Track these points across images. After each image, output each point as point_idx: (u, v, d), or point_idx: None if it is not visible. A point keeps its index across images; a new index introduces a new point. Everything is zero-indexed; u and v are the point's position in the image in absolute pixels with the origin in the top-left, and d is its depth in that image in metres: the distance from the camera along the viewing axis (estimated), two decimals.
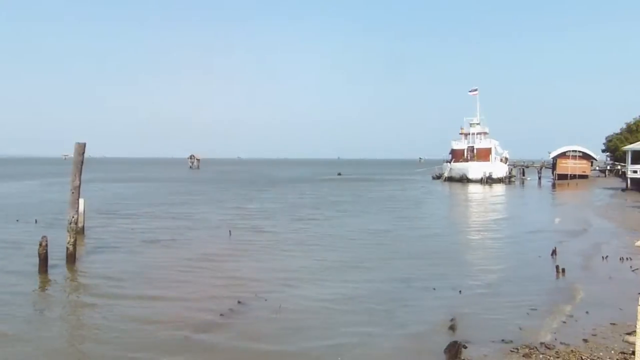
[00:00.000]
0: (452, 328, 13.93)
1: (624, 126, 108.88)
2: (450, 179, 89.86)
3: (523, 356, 11.99)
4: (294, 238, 28.78)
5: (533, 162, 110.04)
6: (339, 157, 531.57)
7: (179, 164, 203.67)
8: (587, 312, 15.15)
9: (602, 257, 22.90)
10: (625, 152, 69.68)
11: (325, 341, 12.99)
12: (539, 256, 23.69)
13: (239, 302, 16.04)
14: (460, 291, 17.71)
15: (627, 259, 22.15)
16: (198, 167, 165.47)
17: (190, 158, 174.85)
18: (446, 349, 12.34)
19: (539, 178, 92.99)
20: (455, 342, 12.47)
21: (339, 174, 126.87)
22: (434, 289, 17.99)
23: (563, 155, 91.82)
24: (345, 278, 19.44)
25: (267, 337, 13.24)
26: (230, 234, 29.36)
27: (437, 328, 13.97)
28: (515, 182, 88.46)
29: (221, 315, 14.84)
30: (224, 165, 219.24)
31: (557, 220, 37.39)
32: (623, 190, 64.84)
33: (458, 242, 29.55)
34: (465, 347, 12.34)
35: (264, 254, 24.30)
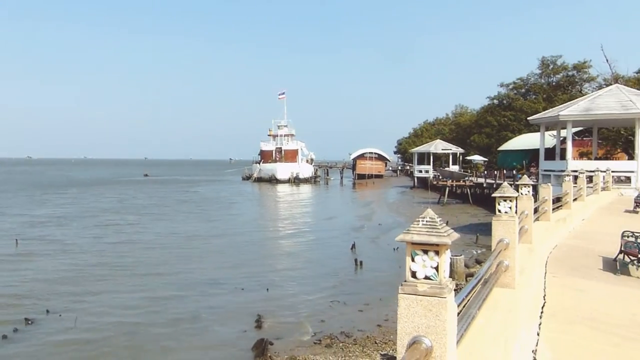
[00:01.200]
0: (258, 326, 14.18)
1: (412, 131, 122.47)
2: (260, 180, 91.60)
3: (325, 346, 12.71)
4: (91, 246, 26.58)
5: (336, 163, 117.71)
6: (146, 158, 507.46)
7: None
8: (380, 300, 16.61)
9: (394, 249, 25.30)
10: (412, 154, 78.18)
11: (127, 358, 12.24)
12: (341, 251, 25.40)
13: (26, 320, 14.34)
14: (267, 289, 18.13)
15: None
16: None
17: None
18: (253, 347, 12.52)
19: (341, 178, 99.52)
20: (262, 340, 12.69)
21: (146, 175, 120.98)
22: (242, 289, 18.15)
23: (362, 156, 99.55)
24: (147, 286, 18.54)
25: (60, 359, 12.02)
26: (16, 245, 26.10)
27: (244, 328, 14.08)
28: (320, 182, 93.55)
29: (4, 338, 13.09)
30: (9, 166, 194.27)
31: (379, 222, 40.20)
32: (411, 188, 72.79)
33: (267, 243, 30.19)
34: (272, 344, 12.64)
35: (58, 266, 21.97)
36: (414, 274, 2.72)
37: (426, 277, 2.70)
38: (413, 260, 2.71)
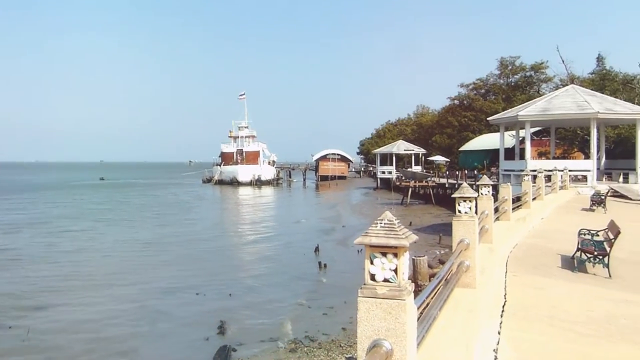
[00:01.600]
0: (221, 333, 13.91)
1: (374, 131, 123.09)
2: (221, 182, 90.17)
3: (290, 351, 12.57)
4: (44, 256, 25.35)
5: (298, 165, 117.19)
6: (101, 161, 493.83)
7: None
8: (344, 302, 16.48)
9: (358, 251, 25.30)
10: (375, 155, 78.66)
11: None
12: (304, 254, 25.26)
13: None
14: (230, 294, 17.84)
15: None
16: None
17: None
18: (216, 354, 12.27)
19: (304, 180, 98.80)
20: (225, 346, 12.47)
21: (102, 179, 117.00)
22: (205, 295, 17.80)
23: (324, 158, 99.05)
24: (104, 297, 17.89)
25: None
26: None
27: (207, 335, 13.77)
28: (283, 184, 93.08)
29: None
30: None
31: (342, 224, 39.90)
32: (374, 189, 73.11)
33: (231, 248, 29.72)
34: (235, 350, 12.43)
35: (8, 277, 20.92)
36: (373, 277, 2.64)
37: (385, 280, 2.62)
38: (372, 263, 2.63)
